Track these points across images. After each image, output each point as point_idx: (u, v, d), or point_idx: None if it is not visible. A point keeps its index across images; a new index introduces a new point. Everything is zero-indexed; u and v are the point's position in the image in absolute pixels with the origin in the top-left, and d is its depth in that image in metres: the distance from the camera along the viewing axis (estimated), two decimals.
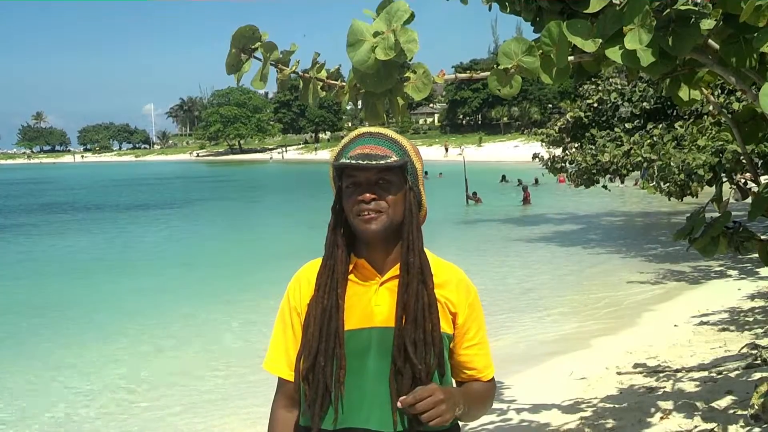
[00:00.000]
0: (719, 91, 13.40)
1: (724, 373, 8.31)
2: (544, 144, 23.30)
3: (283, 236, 28.92)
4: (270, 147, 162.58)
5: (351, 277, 2.72)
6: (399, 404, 2.53)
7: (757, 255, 4.69)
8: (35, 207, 46.71)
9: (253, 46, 3.56)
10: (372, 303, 2.69)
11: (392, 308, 2.66)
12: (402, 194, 2.68)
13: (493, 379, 2.91)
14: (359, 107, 3.76)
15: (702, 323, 11.55)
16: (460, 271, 2.85)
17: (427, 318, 2.63)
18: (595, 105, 21.12)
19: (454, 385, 2.85)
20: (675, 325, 11.64)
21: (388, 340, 2.64)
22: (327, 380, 2.63)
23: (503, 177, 53.23)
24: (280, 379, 2.81)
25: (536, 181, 46.38)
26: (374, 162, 2.59)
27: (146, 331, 13.92)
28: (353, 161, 2.59)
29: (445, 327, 2.71)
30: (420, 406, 2.48)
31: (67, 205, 47.73)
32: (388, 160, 2.61)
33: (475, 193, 37.69)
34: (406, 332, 2.61)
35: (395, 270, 2.70)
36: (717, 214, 4.56)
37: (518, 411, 7.96)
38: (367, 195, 2.60)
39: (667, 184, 15.26)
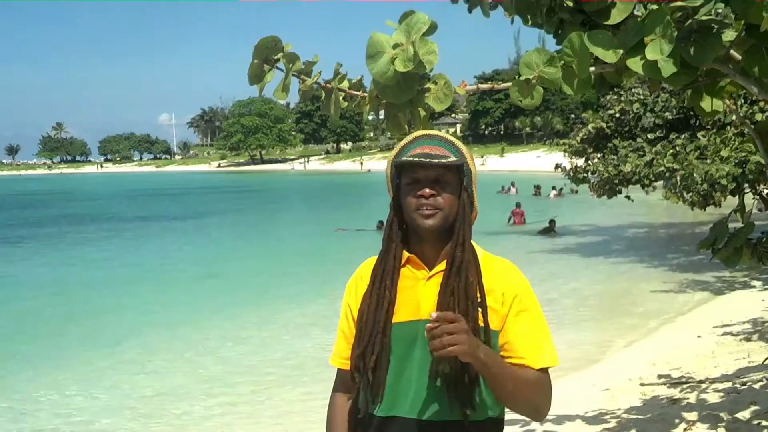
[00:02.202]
0: (742, 101, 13.34)
1: (748, 384, 8.26)
2: (566, 154, 23.30)
3: (308, 246, 28.95)
4: (291, 157, 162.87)
5: (403, 271, 2.83)
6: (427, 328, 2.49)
7: None
8: (57, 218, 46.92)
9: (275, 57, 3.58)
10: (419, 296, 2.78)
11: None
12: (457, 193, 2.78)
13: (545, 370, 2.78)
14: (381, 118, 3.77)
15: (725, 334, 11.47)
16: (509, 264, 2.91)
17: (470, 310, 2.68)
18: (618, 115, 21.09)
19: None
20: (698, 336, 11.57)
21: None
22: (377, 368, 2.75)
23: (503, 187, 53.08)
24: (338, 369, 2.98)
25: (560, 191, 46.15)
26: (436, 160, 2.69)
27: (173, 342, 14.00)
28: (415, 159, 2.70)
29: (491, 322, 2.72)
30: (441, 329, 2.45)
31: (90, 216, 47.94)
32: (448, 160, 2.72)
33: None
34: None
35: (443, 264, 2.77)
36: (740, 225, 4.54)
37: (541, 422, 7.93)
38: (427, 190, 2.70)
39: (690, 194, 15.21)
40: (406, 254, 2.83)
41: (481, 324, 2.69)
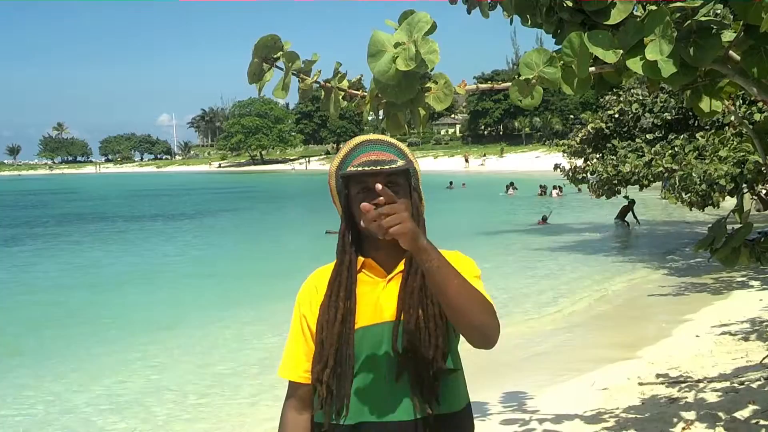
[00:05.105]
0: (740, 101, 13.36)
1: (746, 383, 8.27)
2: (565, 155, 23.35)
3: (305, 247, 28.92)
4: (291, 158, 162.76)
5: (360, 276, 2.84)
6: (363, 208, 2.50)
7: None
8: (57, 218, 46.91)
9: (274, 56, 3.59)
10: (380, 299, 2.80)
11: None
12: (408, 196, 2.79)
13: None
14: (381, 117, 3.78)
15: (724, 333, 11.48)
16: (458, 254, 2.91)
17: (431, 307, 2.74)
18: (617, 116, 21.14)
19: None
20: (697, 336, 11.58)
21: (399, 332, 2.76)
22: (341, 380, 2.75)
23: (507, 187, 53.05)
24: (290, 382, 2.92)
25: (560, 189, 46.07)
26: (387, 167, 2.69)
27: (170, 342, 13.99)
28: (364, 168, 2.69)
29: None
30: (383, 209, 2.46)
31: (91, 216, 47.90)
32: (396, 164, 2.72)
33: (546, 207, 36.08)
34: (410, 322, 2.73)
35: (401, 266, 2.81)
36: (738, 225, 4.56)
37: (540, 421, 7.95)
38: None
39: (689, 194, 15.23)
40: (361, 259, 2.84)
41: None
